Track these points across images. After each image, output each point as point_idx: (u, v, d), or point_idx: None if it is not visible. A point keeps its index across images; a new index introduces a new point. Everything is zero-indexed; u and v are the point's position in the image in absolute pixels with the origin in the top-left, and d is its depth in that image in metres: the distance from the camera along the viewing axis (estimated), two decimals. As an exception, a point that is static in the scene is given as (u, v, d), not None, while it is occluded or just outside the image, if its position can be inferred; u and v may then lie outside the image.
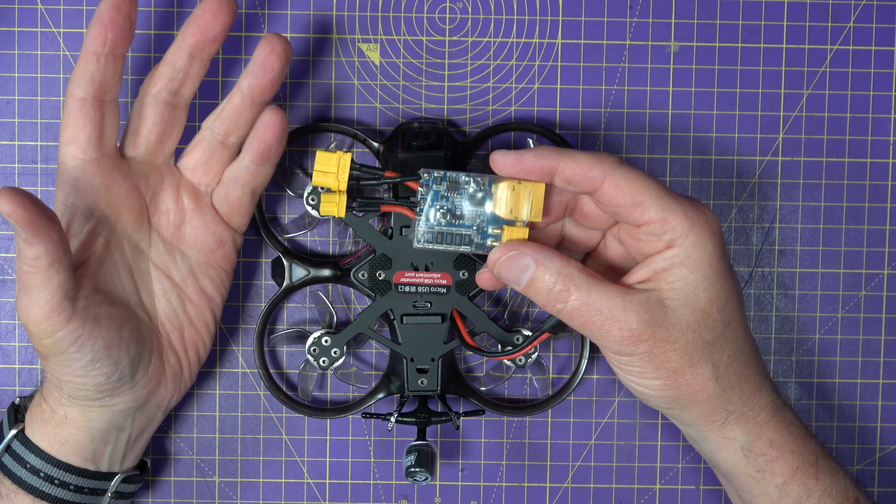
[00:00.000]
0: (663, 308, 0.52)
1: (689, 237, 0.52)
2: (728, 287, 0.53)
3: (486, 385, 0.65)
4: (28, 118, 0.65)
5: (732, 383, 0.54)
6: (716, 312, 0.53)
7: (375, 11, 0.65)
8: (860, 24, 0.65)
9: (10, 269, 0.65)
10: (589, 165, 0.52)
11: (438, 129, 0.63)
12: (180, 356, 0.60)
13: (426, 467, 0.61)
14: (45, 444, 0.58)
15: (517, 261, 0.54)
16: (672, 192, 0.53)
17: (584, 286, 0.52)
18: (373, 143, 0.63)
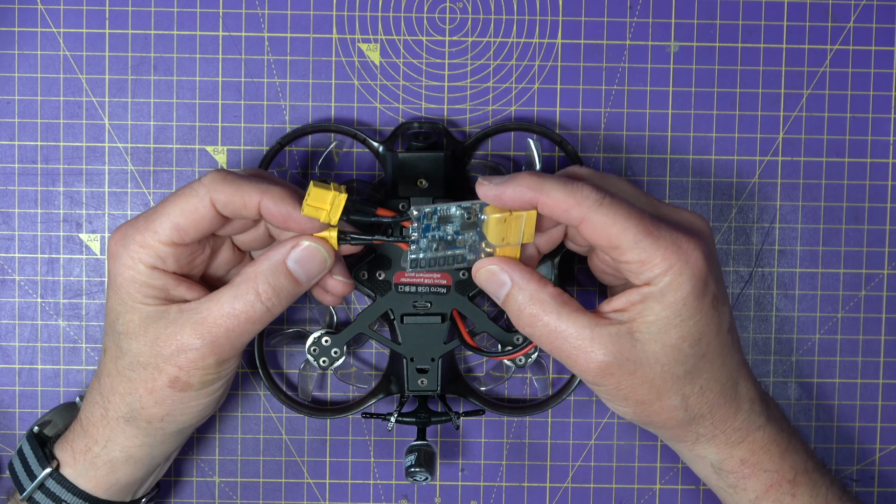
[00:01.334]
0: (633, 341, 0.52)
1: (666, 278, 0.51)
2: (705, 322, 0.52)
3: (486, 385, 0.65)
4: (28, 118, 0.65)
5: (703, 411, 0.54)
6: (688, 348, 0.52)
7: (375, 11, 0.65)
8: (860, 24, 0.65)
9: (10, 269, 0.65)
10: (566, 206, 0.51)
11: (438, 129, 0.63)
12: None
13: (426, 467, 0.61)
14: (92, 485, 0.57)
15: (496, 276, 0.54)
16: (654, 230, 0.51)
17: (553, 313, 0.52)
18: (372, 143, 0.63)
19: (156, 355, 0.53)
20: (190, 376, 0.54)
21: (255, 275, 0.53)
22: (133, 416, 0.55)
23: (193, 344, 0.53)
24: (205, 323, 0.53)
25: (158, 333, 0.53)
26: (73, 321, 0.65)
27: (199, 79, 0.65)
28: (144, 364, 0.54)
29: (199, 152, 0.65)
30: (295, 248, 0.54)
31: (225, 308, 0.53)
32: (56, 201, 0.65)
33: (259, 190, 0.53)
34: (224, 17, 0.64)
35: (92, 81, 0.65)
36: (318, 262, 0.54)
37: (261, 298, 0.53)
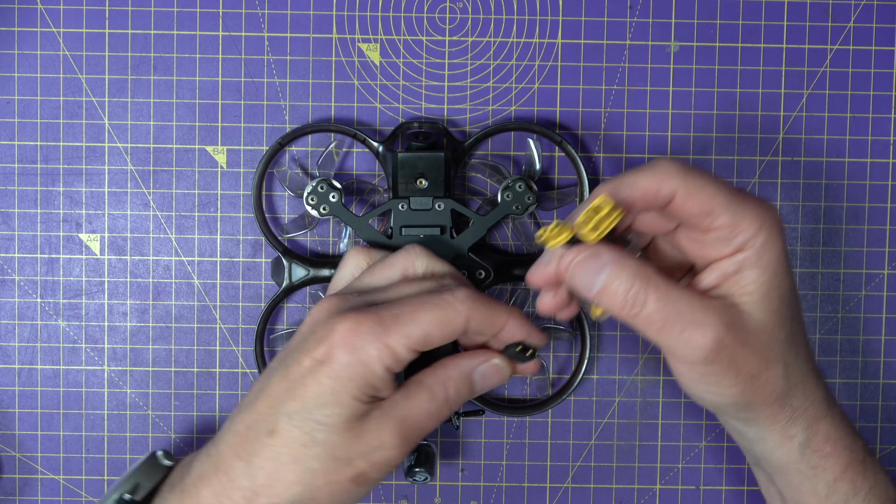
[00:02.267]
0: (739, 312, 0.51)
1: (759, 238, 0.50)
2: (791, 282, 0.52)
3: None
4: (28, 118, 0.65)
5: (798, 379, 0.53)
6: (786, 309, 0.52)
7: (375, 11, 0.65)
8: (860, 24, 0.65)
9: (10, 269, 0.65)
10: (656, 187, 0.50)
11: (438, 129, 0.63)
12: None
13: (426, 467, 0.61)
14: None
15: (591, 262, 0.51)
16: (739, 193, 0.51)
17: (663, 289, 0.50)
18: (372, 143, 0.63)
19: (352, 449, 0.51)
20: (377, 472, 0.52)
21: (447, 378, 0.53)
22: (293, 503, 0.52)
23: (394, 443, 0.52)
24: (405, 422, 0.52)
25: (362, 430, 0.51)
26: (73, 321, 0.65)
27: (199, 79, 0.65)
28: (337, 457, 0.51)
29: (199, 152, 0.65)
30: (485, 364, 0.54)
31: (423, 408, 0.53)
32: (56, 201, 0.65)
33: (506, 311, 0.53)
34: (224, 17, 0.64)
35: (92, 81, 0.65)
36: (499, 379, 0.55)
37: (449, 401, 0.53)
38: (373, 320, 0.51)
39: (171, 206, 0.65)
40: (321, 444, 0.51)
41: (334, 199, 0.62)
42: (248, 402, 0.53)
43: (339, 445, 0.51)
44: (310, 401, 0.51)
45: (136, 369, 0.65)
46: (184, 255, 0.65)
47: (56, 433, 0.66)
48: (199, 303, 0.65)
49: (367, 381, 0.51)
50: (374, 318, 0.51)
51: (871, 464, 0.56)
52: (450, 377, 0.53)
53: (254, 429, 0.52)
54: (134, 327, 0.65)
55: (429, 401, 0.53)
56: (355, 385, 0.50)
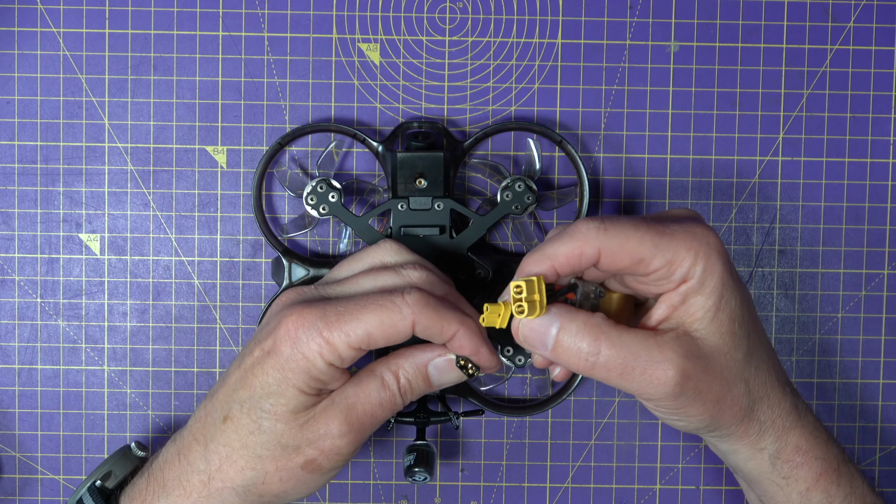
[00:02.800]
0: (694, 340, 0.51)
1: (697, 267, 0.51)
2: (741, 299, 0.52)
3: (486, 385, 0.65)
4: (28, 118, 0.65)
5: (762, 394, 0.54)
6: (738, 329, 0.52)
7: (375, 11, 0.65)
8: (860, 24, 0.65)
9: (10, 269, 0.65)
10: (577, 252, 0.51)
11: (438, 128, 0.63)
12: None
13: (425, 467, 0.61)
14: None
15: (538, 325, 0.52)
16: (666, 230, 0.51)
17: (614, 335, 0.51)
18: (372, 143, 0.63)
19: (300, 437, 0.53)
20: (328, 460, 0.54)
21: (398, 368, 0.54)
22: (247, 489, 0.54)
23: (342, 430, 0.53)
24: (354, 411, 0.53)
25: (308, 419, 0.53)
26: (73, 321, 0.65)
27: (199, 79, 0.65)
28: (284, 445, 0.53)
29: (198, 152, 0.65)
30: (440, 357, 0.55)
31: (372, 397, 0.54)
32: (56, 201, 0.65)
33: (458, 321, 0.53)
34: (224, 17, 0.64)
35: (92, 81, 0.65)
36: (455, 375, 0.55)
37: (400, 390, 0.54)
38: (316, 315, 0.52)
39: (171, 206, 0.65)
40: (267, 433, 0.53)
41: (334, 198, 0.62)
42: (211, 392, 0.56)
43: (286, 434, 0.53)
44: (257, 390, 0.53)
45: (136, 369, 0.65)
46: (184, 255, 0.65)
47: (56, 433, 0.66)
48: (199, 303, 0.65)
49: (309, 373, 0.52)
50: (317, 312, 0.52)
51: (848, 472, 0.56)
52: (402, 367, 0.54)
53: (211, 415, 0.55)
54: (134, 327, 0.65)
55: (378, 389, 0.54)
56: (298, 377, 0.52)
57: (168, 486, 0.55)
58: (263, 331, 0.54)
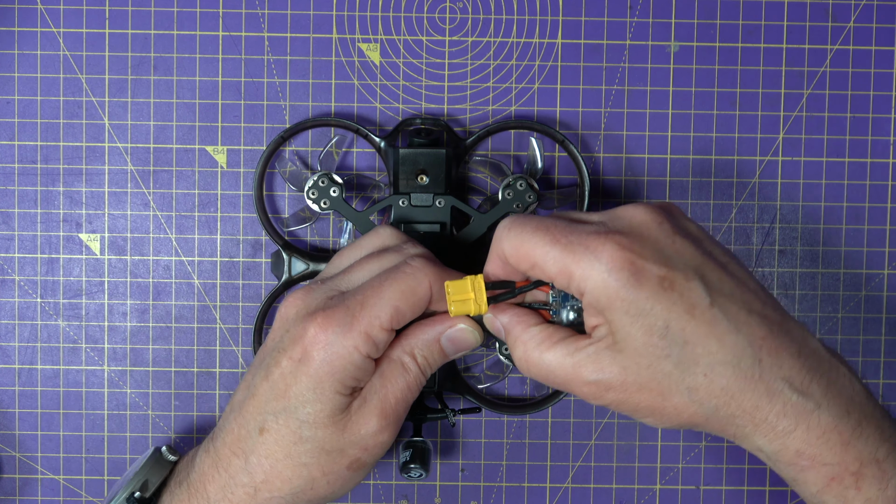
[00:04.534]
0: (612, 354, 0.50)
1: (587, 283, 0.49)
2: (661, 308, 0.49)
3: (483, 383, 0.65)
4: (28, 118, 0.65)
5: (725, 400, 0.50)
6: (658, 340, 0.49)
7: (375, 11, 0.65)
8: (860, 24, 0.65)
9: (10, 268, 0.65)
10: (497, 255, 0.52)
11: (440, 125, 0.63)
12: None
13: (421, 463, 0.61)
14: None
15: (492, 325, 0.54)
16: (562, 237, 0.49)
17: (536, 353, 0.51)
18: (374, 139, 0.63)
19: (342, 440, 0.53)
20: (371, 456, 0.54)
21: (411, 348, 0.54)
22: (295, 496, 0.54)
23: (381, 425, 0.53)
24: (387, 402, 0.53)
25: (348, 422, 0.53)
26: (73, 321, 0.65)
27: (199, 79, 0.65)
28: (328, 451, 0.53)
29: (199, 152, 0.65)
30: (451, 329, 0.54)
31: (399, 383, 0.54)
32: (56, 201, 0.65)
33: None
34: (224, 17, 0.64)
35: (92, 81, 0.65)
36: (469, 343, 0.55)
37: (420, 370, 0.54)
38: (341, 313, 0.52)
39: (171, 206, 0.65)
40: (309, 440, 0.53)
41: (335, 193, 0.62)
42: (238, 402, 0.55)
43: (328, 439, 0.53)
44: (292, 400, 0.52)
45: (136, 369, 0.65)
46: (184, 255, 0.65)
47: (56, 433, 0.66)
48: (199, 303, 0.65)
49: (346, 373, 0.52)
50: (342, 310, 0.52)
51: (873, 473, 0.51)
52: (415, 346, 0.54)
53: (245, 427, 0.54)
54: (134, 327, 0.65)
55: (402, 374, 0.54)
56: (335, 379, 0.52)
57: (213, 500, 0.54)
58: (285, 339, 0.53)
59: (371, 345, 0.52)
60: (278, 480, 0.53)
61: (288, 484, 0.53)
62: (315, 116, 0.65)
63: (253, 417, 0.53)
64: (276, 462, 0.53)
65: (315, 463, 0.53)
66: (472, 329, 0.54)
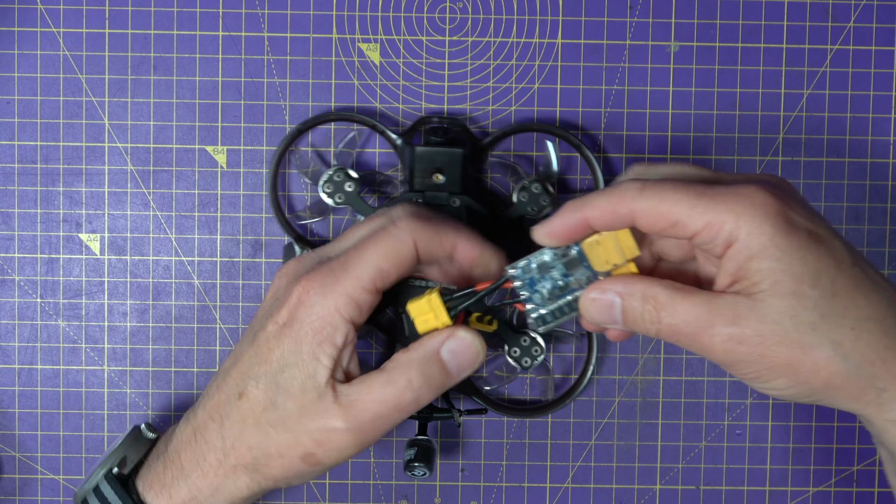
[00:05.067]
0: (751, 304, 0.48)
1: (742, 228, 0.47)
2: (813, 258, 0.48)
3: (490, 385, 0.65)
4: (28, 118, 0.65)
5: (870, 357, 0.48)
6: (809, 289, 0.47)
7: (375, 11, 0.65)
8: (860, 24, 0.65)
9: (10, 269, 0.65)
10: (612, 209, 0.49)
11: (458, 125, 0.63)
12: None
13: (425, 462, 0.61)
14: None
15: (600, 301, 0.51)
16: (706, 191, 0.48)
17: (668, 302, 0.49)
18: (391, 135, 0.63)
19: (300, 424, 0.52)
20: (326, 456, 0.52)
21: (408, 362, 0.52)
22: (255, 467, 0.53)
23: (339, 428, 0.52)
24: (353, 407, 0.52)
25: (309, 404, 0.52)
26: (73, 321, 0.65)
27: (199, 79, 0.65)
28: (289, 428, 0.52)
29: (198, 152, 0.65)
30: (450, 339, 0.52)
31: (375, 394, 0.52)
32: (56, 201, 0.65)
33: (455, 231, 0.53)
34: (224, 17, 0.64)
35: (92, 81, 0.65)
36: (472, 354, 0.53)
37: (412, 387, 0.52)
38: (324, 274, 0.52)
39: (171, 206, 0.65)
40: (279, 409, 0.52)
41: (350, 188, 0.62)
42: (223, 370, 0.55)
43: (292, 417, 0.52)
44: (274, 364, 0.52)
45: (136, 369, 0.65)
46: (184, 255, 0.65)
47: (56, 433, 0.66)
48: (199, 303, 0.65)
49: (327, 335, 0.52)
50: (325, 271, 0.52)
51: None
52: (411, 360, 0.52)
53: (226, 392, 0.54)
54: (134, 327, 0.65)
55: (383, 386, 0.52)
56: (316, 341, 0.52)
57: (186, 469, 0.54)
58: (273, 306, 0.53)
59: (353, 307, 0.51)
60: (243, 447, 0.53)
61: (250, 453, 0.53)
62: (336, 111, 0.64)
63: (235, 383, 0.53)
64: (245, 428, 0.53)
65: (275, 437, 0.52)
66: (474, 338, 0.53)
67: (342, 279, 0.52)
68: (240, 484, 0.54)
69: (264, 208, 0.65)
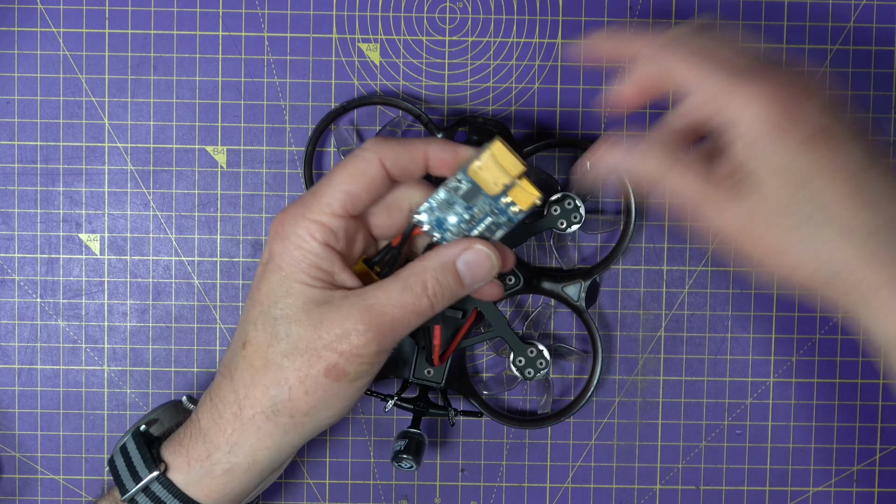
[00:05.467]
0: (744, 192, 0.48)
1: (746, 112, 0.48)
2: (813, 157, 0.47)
3: (489, 390, 0.65)
4: (28, 118, 0.65)
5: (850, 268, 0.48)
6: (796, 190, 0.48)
7: (375, 11, 0.65)
8: (860, 24, 0.65)
9: (10, 269, 0.65)
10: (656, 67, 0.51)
11: (501, 128, 0.62)
12: None
13: (414, 455, 0.61)
14: (203, 493, 0.54)
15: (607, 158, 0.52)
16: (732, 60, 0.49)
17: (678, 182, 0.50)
18: (433, 129, 0.62)
19: (317, 339, 0.51)
20: (349, 364, 0.52)
21: (424, 270, 0.52)
22: (275, 409, 0.53)
23: (358, 329, 0.51)
24: (372, 310, 0.51)
25: (322, 317, 0.51)
26: (73, 321, 0.65)
27: (199, 79, 0.65)
28: (303, 350, 0.52)
29: (198, 152, 0.65)
30: (467, 251, 0.53)
31: (393, 298, 0.52)
32: (56, 201, 0.65)
33: (422, 142, 0.53)
34: (224, 17, 0.64)
35: (92, 81, 0.65)
36: (487, 267, 0.53)
37: (427, 293, 0.52)
38: (295, 206, 0.53)
39: (171, 206, 0.65)
40: (284, 339, 0.52)
41: None
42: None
43: (303, 336, 0.52)
44: (266, 302, 0.53)
45: (136, 369, 0.66)
46: (184, 255, 0.65)
47: (56, 433, 0.66)
48: (199, 303, 0.65)
49: (307, 261, 0.52)
50: (296, 204, 0.53)
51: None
52: (428, 267, 0.52)
53: (233, 348, 0.54)
54: (134, 327, 0.65)
55: (401, 290, 0.52)
56: (297, 269, 0.52)
57: (204, 429, 0.54)
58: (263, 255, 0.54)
59: (326, 231, 0.52)
60: (257, 390, 0.53)
61: (266, 394, 0.52)
62: (382, 94, 0.64)
63: (239, 335, 0.54)
64: (255, 371, 0.53)
65: (290, 365, 0.52)
66: (490, 251, 0.53)
67: (312, 207, 0.52)
68: (261, 434, 0.53)
69: (264, 208, 0.65)
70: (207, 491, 0.54)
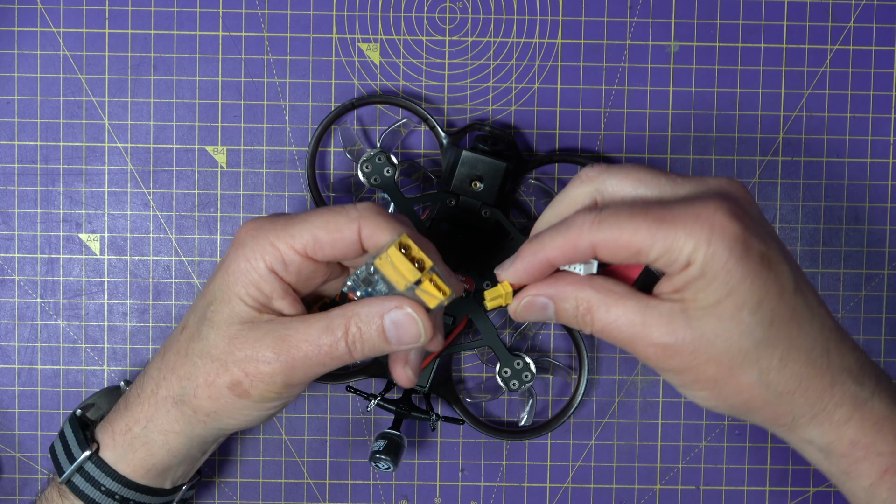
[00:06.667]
0: (687, 319, 0.49)
1: (699, 253, 0.48)
2: (759, 285, 0.48)
3: (472, 397, 0.65)
4: (28, 118, 0.65)
5: (791, 386, 0.50)
6: (748, 316, 0.48)
7: (375, 11, 0.65)
8: (860, 24, 0.65)
9: (10, 269, 0.65)
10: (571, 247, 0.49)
11: (507, 139, 0.62)
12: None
13: (391, 456, 0.61)
14: (130, 469, 0.56)
15: (534, 304, 0.51)
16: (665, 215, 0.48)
17: (602, 307, 0.50)
18: (440, 132, 0.62)
19: (228, 353, 0.52)
20: (252, 386, 0.52)
21: (351, 315, 0.52)
22: (183, 399, 0.54)
23: (267, 357, 0.52)
24: (286, 341, 0.52)
25: (238, 334, 0.52)
26: (73, 321, 0.65)
27: (199, 79, 0.65)
28: (215, 357, 0.53)
29: (198, 152, 0.65)
30: (396, 310, 0.51)
31: (312, 335, 0.52)
32: (56, 201, 0.65)
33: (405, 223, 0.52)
34: (224, 17, 0.64)
35: (92, 81, 0.65)
36: (413, 333, 0.52)
37: (347, 339, 0.52)
38: (265, 221, 0.53)
39: (171, 206, 0.65)
40: (203, 339, 0.53)
41: (388, 173, 0.61)
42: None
43: (217, 344, 0.53)
44: (207, 297, 0.54)
45: (136, 369, 0.65)
46: (184, 255, 0.65)
47: (56, 433, 0.66)
48: (199, 303, 0.65)
49: (248, 278, 0.52)
50: (268, 220, 0.53)
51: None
52: (355, 313, 0.52)
53: (176, 329, 0.56)
54: (134, 327, 0.65)
55: (323, 329, 0.52)
56: (236, 281, 0.52)
57: (129, 402, 0.56)
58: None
59: (278, 259, 0.52)
60: (173, 377, 0.54)
61: (178, 382, 0.54)
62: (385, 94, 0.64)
63: (183, 319, 0.55)
64: (178, 358, 0.54)
65: (202, 366, 0.53)
66: (419, 319, 0.51)
67: (279, 232, 0.52)
68: (170, 417, 0.55)
69: (264, 208, 0.65)
70: (132, 466, 0.56)
